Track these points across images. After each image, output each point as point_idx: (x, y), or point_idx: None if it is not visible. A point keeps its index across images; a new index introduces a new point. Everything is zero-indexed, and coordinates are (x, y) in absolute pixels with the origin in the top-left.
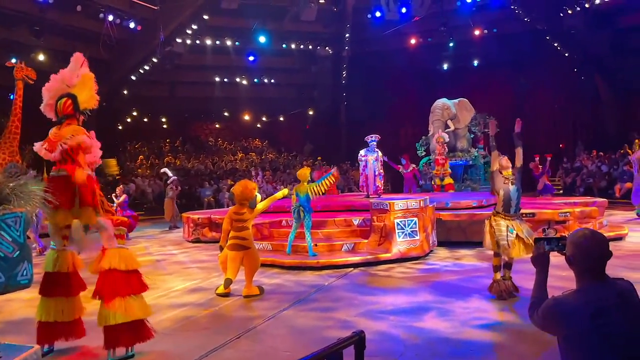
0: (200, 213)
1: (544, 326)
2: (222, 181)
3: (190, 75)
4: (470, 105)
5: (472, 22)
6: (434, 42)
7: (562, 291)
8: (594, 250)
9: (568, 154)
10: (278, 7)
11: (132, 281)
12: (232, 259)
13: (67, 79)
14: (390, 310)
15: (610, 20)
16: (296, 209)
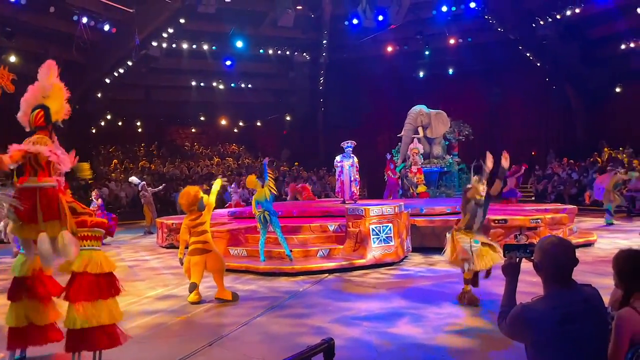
0: (174, 218)
1: (513, 333)
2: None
3: (166, 79)
4: (446, 119)
5: (447, 31)
6: (410, 49)
7: (532, 297)
8: (561, 257)
9: (540, 161)
10: (256, 12)
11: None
12: (195, 263)
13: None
14: (364, 316)
15: (580, 32)
16: (261, 216)
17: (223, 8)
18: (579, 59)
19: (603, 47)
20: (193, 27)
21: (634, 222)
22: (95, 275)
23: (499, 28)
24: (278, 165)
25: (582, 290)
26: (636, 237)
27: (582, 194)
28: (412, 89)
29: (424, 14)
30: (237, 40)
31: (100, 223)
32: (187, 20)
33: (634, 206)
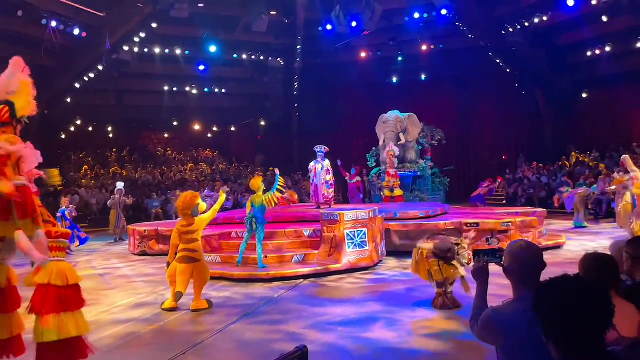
0: (147, 225)
1: (484, 336)
2: (171, 192)
3: (138, 83)
4: (418, 122)
5: (419, 38)
6: (384, 55)
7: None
8: (530, 261)
9: (510, 165)
10: (229, 17)
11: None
12: (182, 272)
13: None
14: (339, 321)
15: (548, 39)
16: (249, 220)
17: (196, 12)
18: (547, 66)
19: (570, 54)
20: (165, 31)
21: (601, 225)
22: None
23: (470, 35)
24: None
25: None
26: (604, 239)
27: (551, 197)
28: (386, 94)
29: (396, 20)
30: (211, 45)
31: (65, 234)
32: (159, 25)
33: (601, 209)
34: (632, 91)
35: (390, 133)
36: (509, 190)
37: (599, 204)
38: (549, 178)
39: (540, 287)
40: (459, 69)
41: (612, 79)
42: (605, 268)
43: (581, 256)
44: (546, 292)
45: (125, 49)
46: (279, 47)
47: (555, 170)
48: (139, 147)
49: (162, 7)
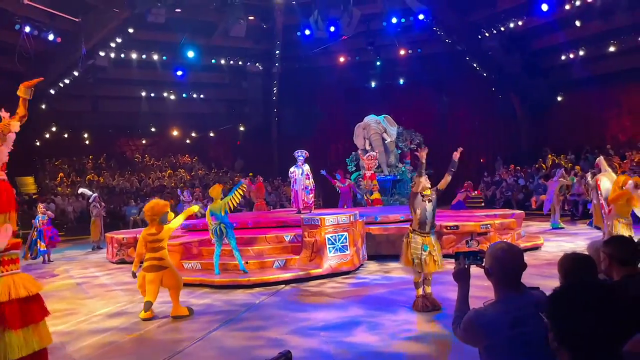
0: (125, 233)
1: (467, 338)
2: (149, 199)
3: (114, 89)
4: (393, 121)
5: (397, 42)
6: (362, 60)
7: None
8: (511, 263)
9: (488, 168)
10: (207, 22)
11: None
12: (151, 280)
13: None
14: (321, 326)
15: (523, 43)
16: (216, 228)
17: (173, 18)
18: (523, 70)
19: (544, 58)
20: (142, 36)
21: (578, 226)
22: (22, 299)
23: (447, 39)
24: (232, 175)
25: (532, 294)
26: (580, 240)
27: (529, 199)
28: (364, 98)
29: (374, 25)
30: (188, 50)
31: (16, 244)
32: (136, 30)
33: (577, 210)
34: (605, 94)
35: (376, 135)
36: (487, 193)
37: (575, 205)
38: (526, 180)
39: (556, 294)
40: (437, 73)
41: (586, 82)
42: (584, 268)
43: (559, 257)
44: (565, 299)
45: (101, 54)
46: (258, 52)
47: (532, 172)
48: (116, 153)
49: (139, 12)
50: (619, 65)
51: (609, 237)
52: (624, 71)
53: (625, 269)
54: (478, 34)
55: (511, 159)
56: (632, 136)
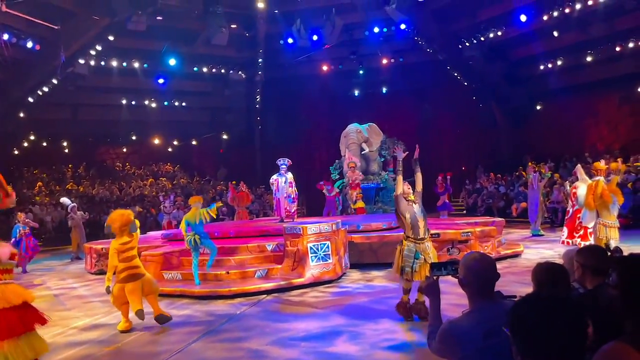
0: (104, 243)
1: (442, 350)
2: (130, 208)
3: (94, 97)
4: (379, 130)
5: (379, 51)
6: (345, 69)
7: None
8: (484, 272)
9: (470, 176)
10: (188, 30)
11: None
12: (132, 290)
13: None
14: (302, 336)
15: (503, 53)
16: (191, 239)
17: (154, 25)
18: (503, 79)
19: (524, 67)
20: (123, 44)
21: (557, 233)
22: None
23: (428, 49)
24: (215, 184)
25: (505, 304)
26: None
27: (509, 206)
28: (347, 107)
29: (357, 34)
30: (170, 58)
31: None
32: (116, 37)
33: (556, 217)
34: (582, 103)
35: (353, 144)
36: (468, 201)
37: (555, 212)
38: (507, 188)
39: (516, 307)
40: (419, 82)
41: (564, 92)
42: (557, 278)
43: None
44: (524, 313)
45: (81, 62)
46: (240, 61)
47: (513, 180)
48: (96, 162)
49: (119, 20)
50: (596, 75)
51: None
52: (601, 81)
53: (598, 279)
54: (459, 43)
55: (492, 166)
56: (609, 144)
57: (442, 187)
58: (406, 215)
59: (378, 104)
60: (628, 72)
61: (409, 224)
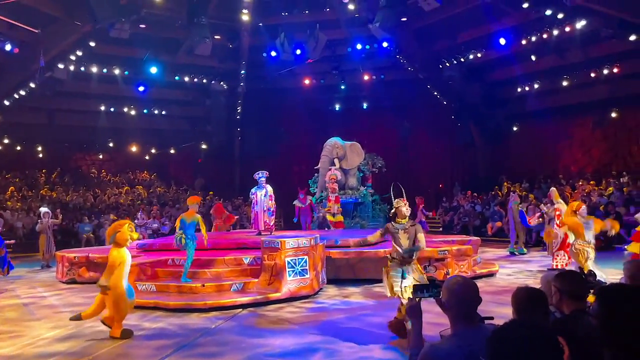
0: (77, 251)
1: None
2: (104, 216)
3: (72, 102)
4: (361, 150)
5: (361, 68)
6: (327, 83)
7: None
8: (466, 297)
9: (447, 194)
10: (172, 39)
11: None
12: None
13: None
14: (278, 352)
15: (482, 74)
16: (179, 237)
17: (137, 33)
18: (481, 100)
19: (502, 89)
20: (104, 50)
21: (531, 253)
22: None
23: (409, 67)
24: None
25: (486, 328)
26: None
27: (485, 225)
28: (328, 121)
29: (339, 50)
30: (152, 66)
31: None
32: (97, 44)
33: (531, 237)
34: (558, 126)
35: (324, 158)
36: (445, 218)
37: (529, 233)
38: (483, 207)
39: (492, 336)
40: (400, 99)
41: (540, 114)
42: (535, 302)
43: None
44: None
45: (60, 66)
46: (222, 71)
47: (489, 199)
48: (71, 168)
49: (101, 27)
50: (571, 99)
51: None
52: (576, 105)
53: (575, 303)
54: (439, 63)
55: (469, 185)
56: (582, 167)
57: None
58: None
59: (359, 119)
60: (602, 97)
61: (396, 246)
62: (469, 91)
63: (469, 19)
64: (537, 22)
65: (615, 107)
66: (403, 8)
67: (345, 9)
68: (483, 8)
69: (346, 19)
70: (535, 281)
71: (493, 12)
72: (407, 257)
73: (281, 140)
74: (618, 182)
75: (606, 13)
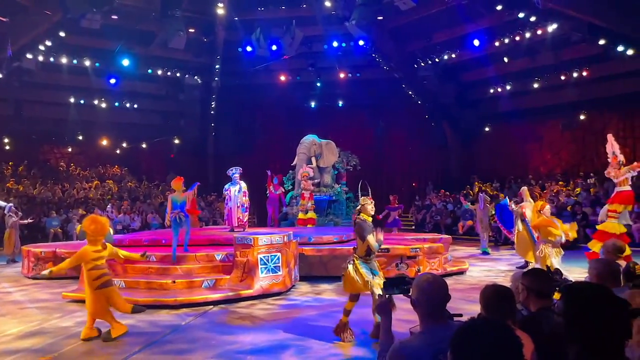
0: (44, 246)
1: None
2: (73, 211)
3: (41, 94)
4: (336, 149)
5: (337, 66)
6: (303, 80)
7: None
8: (436, 294)
9: (420, 192)
10: (145, 31)
11: None
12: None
13: None
14: (248, 349)
15: (456, 75)
16: (176, 217)
17: (109, 24)
18: (455, 100)
19: (475, 90)
20: (74, 41)
21: (500, 251)
22: None
23: (385, 67)
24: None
25: (455, 325)
26: (503, 265)
27: (456, 223)
28: (304, 118)
29: (316, 47)
30: (124, 59)
31: None
32: (68, 34)
33: (500, 236)
34: (528, 127)
35: (302, 155)
36: (417, 217)
37: (499, 231)
38: (455, 206)
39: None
40: (375, 98)
41: (511, 115)
42: (503, 300)
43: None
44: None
45: (28, 57)
46: (197, 65)
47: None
48: (39, 161)
49: (72, 17)
50: (542, 101)
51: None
52: (546, 107)
53: (541, 301)
54: (414, 63)
55: (441, 184)
56: (551, 168)
57: (395, 203)
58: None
59: (334, 116)
60: (571, 100)
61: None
62: (442, 91)
63: (444, 20)
64: (510, 24)
65: (583, 110)
66: (379, 6)
67: (321, 6)
68: (458, 9)
69: (323, 16)
70: (505, 279)
71: (468, 14)
72: (373, 255)
73: (256, 137)
74: (585, 183)
75: (577, 17)
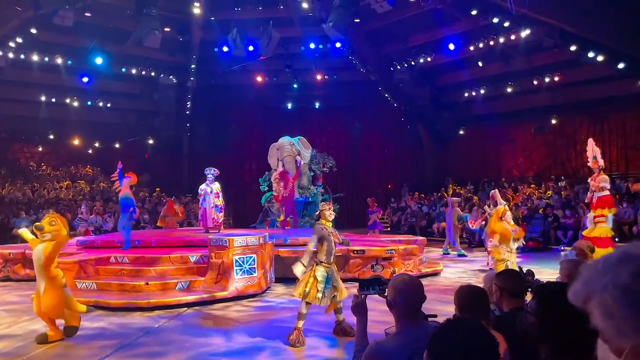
0: (12, 247)
1: None
2: (43, 211)
3: (11, 91)
4: (308, 143)
5: (314, 67)
6: (279, 81)
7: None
8: (412, 295)
9: (395, 194)
10: (119, 29)
11: None
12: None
13: None
14: (223, 352)
15: (431, 78)
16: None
17: (82, 22)
18: (430, 103)
19: (450, 93)
20: (46, 38)
21: (474, 253)
22: None
23: (362, 69)
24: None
25: (430, 326)
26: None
27: (431, 225)
28: (280, 119)
29: (293, 48)
30: (97, 57)
31: None
32: (39, 31)
33: (474, 238)
34: (502, 131)
35: (289, 157)
36: (393, 218)
37: (472, 234)
38: (429, 208)
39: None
40: (351, 100)
41: (485, 119)
42: (477, 300)
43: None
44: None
45: None
46: (172, 65)
47: (435, 200)
48: (8, 160)
49: (44, 13)
50: (515, 105)
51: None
52: (519, 111)
53: (514, 301)
54: (390, 66)
55: (416, 186)
56: (524, 171)
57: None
58: (324, 242)
59: (311, 118)
60: (543, 104)
61: (325, 250)
62: (418, 94)
63: (420, 23)
64: (484, 29)
65: (555, 114)
66: (356, 9)
67: (299, 7)
68: (434, 13)
69: (300, 18)
70: (478, 280)
71: (443, 18)
72: (332, 260)
73: (232, 137)
74: (557, 185)
75: (549, 23)
